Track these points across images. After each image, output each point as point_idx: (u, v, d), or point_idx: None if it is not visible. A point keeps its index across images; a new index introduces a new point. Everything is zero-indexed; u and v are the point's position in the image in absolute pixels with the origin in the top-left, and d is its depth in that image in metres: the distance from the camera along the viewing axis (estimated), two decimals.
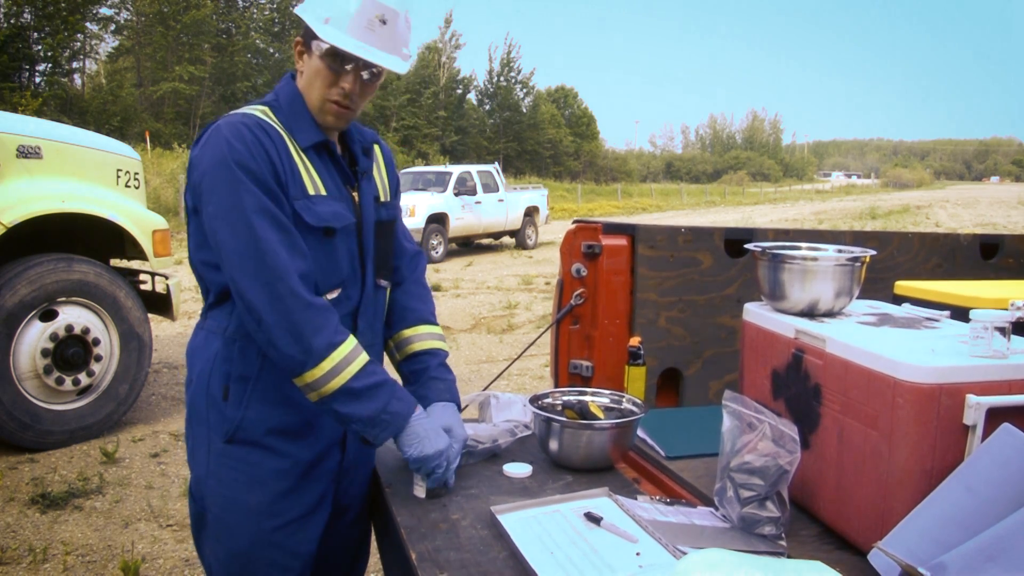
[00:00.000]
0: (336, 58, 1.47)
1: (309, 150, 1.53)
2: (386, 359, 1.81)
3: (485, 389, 2.31)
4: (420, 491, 1.57)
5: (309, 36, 1.50)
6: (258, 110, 1.53)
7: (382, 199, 1.69)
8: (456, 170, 15.39)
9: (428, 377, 1.72)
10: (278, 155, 1.46)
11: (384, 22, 1.47)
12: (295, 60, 1.57)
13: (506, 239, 17.08)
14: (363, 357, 1.48)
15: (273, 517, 1.54)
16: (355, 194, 1.61)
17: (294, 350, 1.41)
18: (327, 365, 1.42)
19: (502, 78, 46.06)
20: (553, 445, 1.73)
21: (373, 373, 1.48)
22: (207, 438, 1.55)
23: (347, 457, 1.65)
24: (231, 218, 1.41)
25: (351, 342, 1.47)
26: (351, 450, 1.65)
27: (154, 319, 5.25)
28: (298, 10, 1.53)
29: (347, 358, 1.45)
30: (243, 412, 1.52)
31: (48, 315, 4.24)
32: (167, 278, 4.89)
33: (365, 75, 1.51)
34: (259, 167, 1.43)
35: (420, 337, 1.76)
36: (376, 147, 1.73)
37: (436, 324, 1.82)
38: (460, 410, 1.72)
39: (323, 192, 1.53)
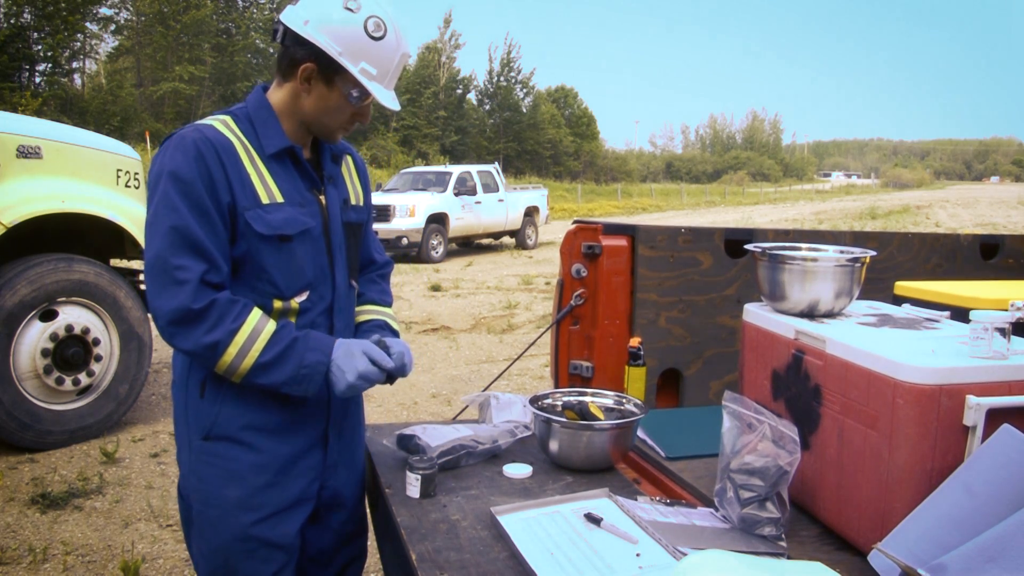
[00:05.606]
0: (362, 98, 1.54)
1: (271, 158, 1.55)
2: None
3: (485, 389, 2.31)
4: (414, 491, 1.59)
5: (331, 69, 1.49)
6: (218, 120, 1.55)
7: (352, 202, 1.72)
8: (456, 170, 15.39)
9: (369, 326, 1.77)
10: (222, 168, 1.48)
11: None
12: (299, 80, 1.53)
13: (506, 239, 17.08)
14: (269, 328, 1.50)
15: (251, 511, 1.56)
16: (322, 198, 1.63)
17: (199, 349, 1.46)
18: (233, 351, 1.46)
19: (502, 78, 46.09)
20: (553, 446, 1.73)
21: (280, 340, 1.50)
22: (188, 436, 1.59)
23: (330, 454, 1.67)
24: (152, 229, 1.47)
25: (252, 319, 1.49)
26: (333, 447, 1.67)
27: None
28: (322, 45, 1.47)
29: (251, 337, 1.48)
30: (219, 408, 1.55)
31: (48, 315, 4.24)
32: None
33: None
34: (194, 180, 1.46)
35: (367, 311, 1.81)
36: (349, 157, 1.77)
37: (389, 308, 1.87)
38: (396, 334, 1.77)
39: (279, 199, 1.54)
